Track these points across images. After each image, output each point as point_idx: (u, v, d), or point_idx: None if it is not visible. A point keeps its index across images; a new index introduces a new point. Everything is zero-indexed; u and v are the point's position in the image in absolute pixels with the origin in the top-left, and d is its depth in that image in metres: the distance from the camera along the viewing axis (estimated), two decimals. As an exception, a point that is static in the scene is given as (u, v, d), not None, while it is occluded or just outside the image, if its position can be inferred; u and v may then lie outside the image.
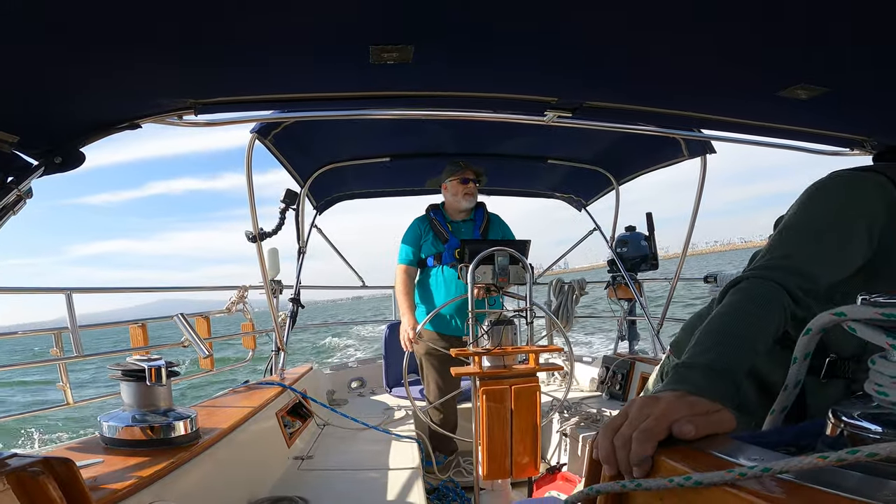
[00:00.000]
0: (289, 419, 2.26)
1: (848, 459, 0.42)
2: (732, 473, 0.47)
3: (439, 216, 2.83)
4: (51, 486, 0.79)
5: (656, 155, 2.82)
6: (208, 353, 2.33)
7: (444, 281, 2.72)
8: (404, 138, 2.71)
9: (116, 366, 1.44)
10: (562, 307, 3.60)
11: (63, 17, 0.74)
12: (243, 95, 1.22)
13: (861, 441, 0.49)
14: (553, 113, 1.39)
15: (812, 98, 1.17)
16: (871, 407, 0.52)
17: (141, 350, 2.76)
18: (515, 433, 1.90)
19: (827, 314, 0.60)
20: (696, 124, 1.68)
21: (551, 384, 3.60)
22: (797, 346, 0.66)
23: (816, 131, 1.48)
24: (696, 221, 2.91)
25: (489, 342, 1.99)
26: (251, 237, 2.39)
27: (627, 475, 0.61)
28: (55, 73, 0.91)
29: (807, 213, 0.93)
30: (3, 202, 1.00)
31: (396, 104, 1.40)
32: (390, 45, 0.95)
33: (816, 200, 0.94)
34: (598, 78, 1.23)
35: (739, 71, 1.11)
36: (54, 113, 1.04)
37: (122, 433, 1.37)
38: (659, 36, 0.97)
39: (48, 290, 2.81)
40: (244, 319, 3.41)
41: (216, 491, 1.49)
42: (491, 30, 0.93)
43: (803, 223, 0.92)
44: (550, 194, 3.81)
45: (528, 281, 2.10)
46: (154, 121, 1.21)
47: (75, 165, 1.14)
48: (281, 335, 2.87)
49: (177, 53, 0.94)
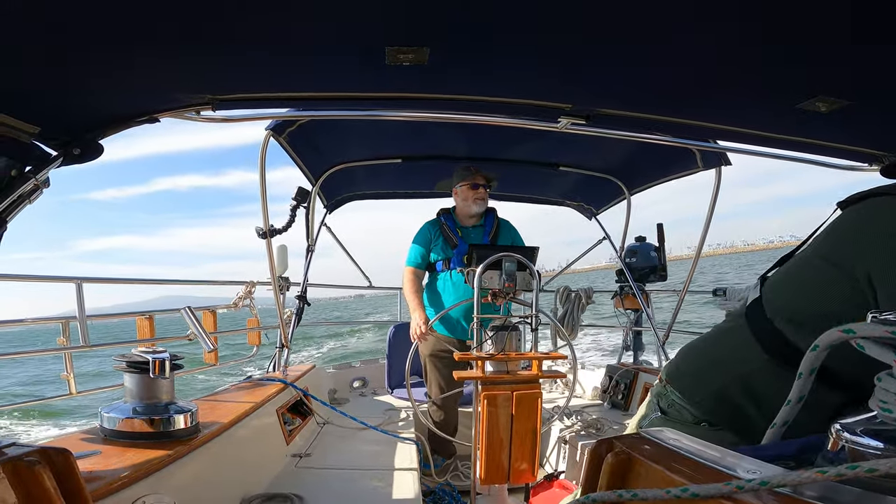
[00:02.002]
0: (289, 416, 2.27)
1: (847, 475, 0.42)
2: (730, 486, 0.47)
3: (449, 221, 2.84)
4: (46, 477, 0.79)
5: (670, 165, 2.80)
6: (213, 347, 2.35)
7: (452, 285, 2.73)
8: (417, 140, 2.72)
9: (121, 357, 1.45)
10: (567, 315, 3.59)
11: (86, 13, 0.76)
12: (260, 92, 1.24)
13: (861, 457, 0.49)
14: (567, 120, 1.39)
15: (832, 111, 1.15)
16: (875, 423, 0.52)
17: (147, 342, 2.79)
18: (515, 439, 1.89)
19: (836, 331, 0.59)
20: (711, 135, 1.66)
21: (553, 391, 3.58)
22: (803, 361, 0.66)
23: (834, 145, 1.46)
24: (706, 235, 2.89)
25: (493, 347, 1.99)
26: (261, 233, 2.40)
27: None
28: (77, 67, 0.93)
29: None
30: (21, 190, 1.02)
31: (410, 106, 1.40)
32: (406, 46, 0.96)
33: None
34: (614, 86, 1.22)
35: (758, 82, 1.10)
36: (74, 105, 1.06)
37: (122, 425, 1.38)
38: (676, 45, 0.96)
39: (59, 279, 2.84)
40: (250, 315, 3.44)
41: (212, 486, 1.50)
42: (507, 34, 0.94)
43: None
44: (561, 201, 3.80)
45: (535, 287, 2.10)
46: (172, 115, 1.23)
47: (93, 157, 1.16)
48: (286, 332, 2.89)
49: (196, 50, 0.95)
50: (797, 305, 0.96)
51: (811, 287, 0.95)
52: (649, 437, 0.69)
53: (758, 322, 1.01)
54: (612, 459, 0.67)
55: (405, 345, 2.75)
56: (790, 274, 1.03)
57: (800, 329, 0.93)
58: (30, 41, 0.81)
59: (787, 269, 1.05)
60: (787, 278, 1.03)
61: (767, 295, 1.02)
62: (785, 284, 1.02)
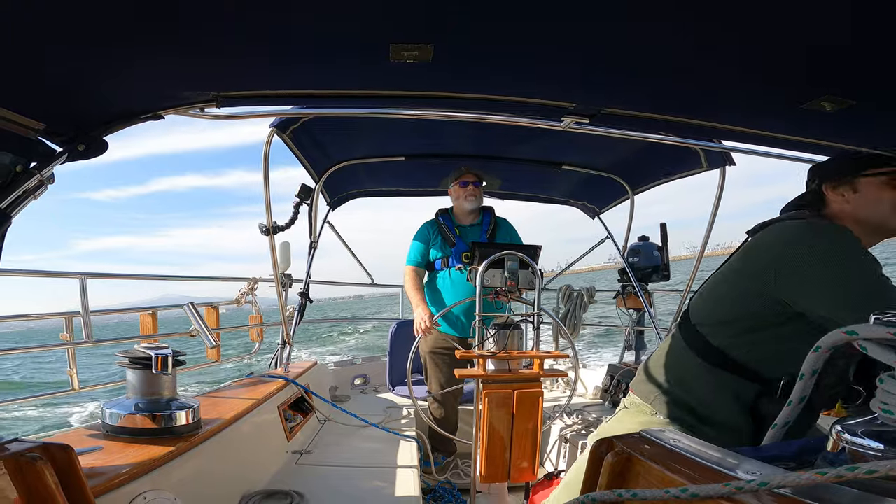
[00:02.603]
0: (290, 413, 2.27)
1: (847, 476, 0.42)
2: (729, 487, 0.47)
3: (447, 220, 2.87)
4: (47, 472, 0.80)
5: (674, 165, 2.80)
6: (215, 343, 2.36)
7: (451, 283, 2.74)
8: (420, 138, 2.72)
9: (124, 353, 1.46)
10: (570, 314, 3.59)
11: (90, 9, 0.76)
12: (264, 90, 1.24)
13: (862, 458, 0.49)
14: (571, 119, 1.39)
15: (838, 111, 1.15)
16: (875, 424, 0.51)
17: (149, 338, 2.80)
18: (515, 437, 1.90)
19: (838, 332, 0.59)
20: (716, 135, 1.66)
21: (555, 390, 3.58)
22: (805, 362, 0.66)
23: (840, 145, 1.45)
24: (710, 235, 2.88)
25: (495, 345, 1.99)
26: (265, 230, 2.41)
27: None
28: (81, 64, 0.93)
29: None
30: (26, 186, 1.03)
31: (414, 104, 1.40)
32: (410, 43, 0.96)
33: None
34: (618, 85, 1.22)
35: (763, 81, 1.09)
36: (80, 102, 1.06)
37: (124, 421, 1.39)
38: (681, 44, 0.96)
39: (63, 275, 2.85)
40: (252, 312, 3.44)
41: (213, 482, 1.50)
42: (511, 32, 0.93)
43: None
44: (564, 201, 3.79)
45: (538, 286, 2.10)
46: (177, 112, 1.23)
47: (98, 153, 1.16)
48: (288, 329, 2.89)
49: (201, 47, 0.95)
50: (717, 313, 1.27)
51: (728, 296, 1.26)
52: (649, 437, 0.69)
53: (688, 332, 1.32)
54: (611, 459, 0.67)
55: (407, 342, 2.75)
56: (708, 291, 1.34)
57: (724, 329, 1.24)
58: (35, 38, 0.81)
59: (705, 288, 1.35)
60: (707, 294, 1.34)
61: (693, 310, 1.34)
62: (705, 300, 1.33)
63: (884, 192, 1.23)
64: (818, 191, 1.33)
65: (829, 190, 1.31)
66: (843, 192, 1.28)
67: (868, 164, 1.26)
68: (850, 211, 1.26)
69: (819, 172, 1.35)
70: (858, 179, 1.26)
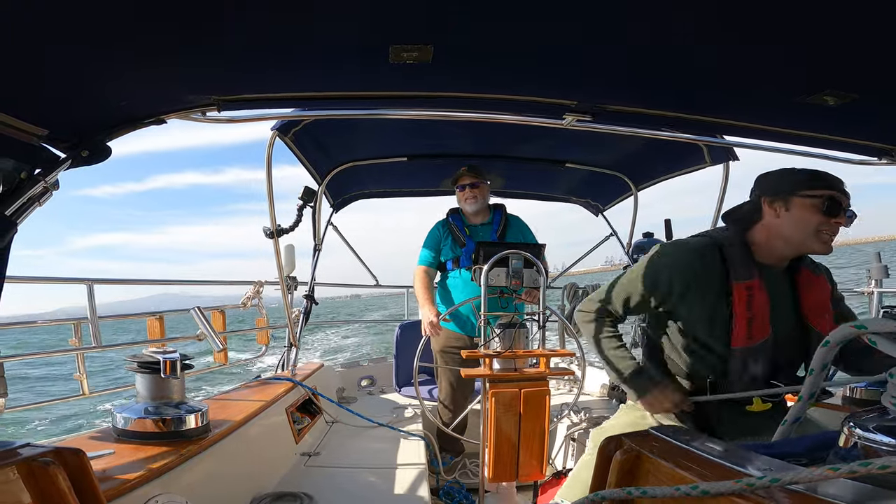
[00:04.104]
0: (298, 415, 2.28)
1: (860, 472, 0.41)
2: (740, 483, 0.47)
3: (457, 220, 2.85)
4: (60, 477, 0.80)
5: (677, 161, 2.79)
6: (222, 346, 2.36)
7: (462, 283, 2.74)
8: (422, 139, 2.72)
9: (133, 358, 1.47)
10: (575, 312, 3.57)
11: (91, 15, 0.76)
12: (265, 93, 1.24)
13: (874, 453, 0.48)
14: (572, 116, 1.38)
15: (840, 105, 1.14)
16: (887, 420, 0.51)
17: (157, 342, 2.81)
18: (523, 436, 1.89)
19: (847, 326, 0.59)
20: (718, 130, 1.65)
21: (561, 388, 3.57)
22: (814, 358, 0.65)
23: (843, 139, 1.44)
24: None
25: (501, 345, 1.99)
26: (269, 233, 2.41)
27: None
28: (83, 69, 0.93)
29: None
30: (30, 193, 1.03)
31: (415, 104, 1.40)
32: (410, 44, 0.96)
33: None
34: (619, 82, 1.21)
35: (765, 76, 1.09)
36: (82, 108, 1.07)
37: (135, 425, 1.39)
38: (682, 39, 0.95)
39: (70, 281, 2.87)
40: (258, 314, 3.45)
41: (223, 484, 1.51)
42: (510, 31, 0.93)
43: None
44: (567, 198, 3.78)
45: (542, 284, 2.09)
46: (179, 117, 1.24)
47: (102, 159, 1.17)
48: (294, 331, 2.90)
49: (202, 52, 0.96)
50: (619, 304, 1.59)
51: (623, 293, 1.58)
52: (658, 435, 0.69)
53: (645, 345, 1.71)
54: (620, 457, 0.67)
55: (412, 343, 2.75)
56: (614, 289, 1.64)
57: (625, 314, 1.61)
58: (37, 45, 0.81)
59: (611, 286, 1.65)
60: (614, 291, 1.63)
61: (608, 301, 1.64)
62: (614, 295, 1.63)
63: (811, 215, 1.33)
64: (757, 202, 1.43)
65: (766, 203, 1.40)
66: (777, 208, 1.38)
67: (804, 185, 1.35)
68: (778, 226, 1.38)
69: (760, 184, 1.44)
70: (793, 199, 1.35)
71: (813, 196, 1.32)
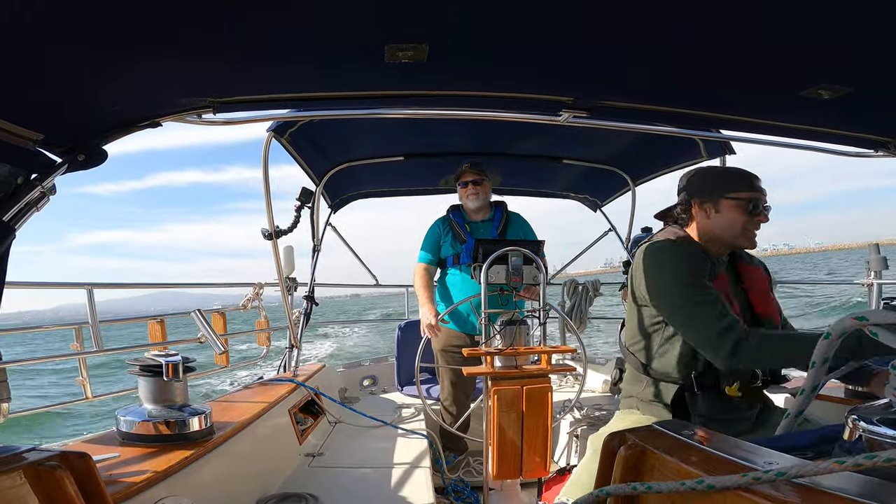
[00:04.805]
0: (301, 416, 2.28)
1: (865, 464, 0.41)
2: (746, 478, 0.47)
3: (458, 217, 2.84)
4: (67, 480, 0.80)
5: (674, 155, 2.79)
6: (224, 349, 2.36)
7: (462, 280, 2.73)
8: (419, 137, 2.71)
9: (135, 361, 1.47)
10: (575, 308, 3.57)
11: (85, 19, 0.76)
12: (260, 94, 1.24)
13: (879, 446, 0.48)
14: (569, 113, 1.38)
15: (835, 98, 1.14)
16: (892, 412, 0.51)
17: (159, 345, 2.80)
18: (526, 434, 1.89)
19: (848, 318, 0.59)
20: (714, 125, 1.65)
21: (563, 385, 3.58)
22: (816, 350, 0.65)
23: (839, 132, 1.45)
24: None
25: (502, 342, 1.99)
26: (267, 235, 2.41)
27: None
28: (78, 73, 0.93)
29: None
30: (28, 198, 1.03)
31: (411, 103, 1.40)
32: (405, 43, 0.96)
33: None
34: (615, 77, 1.21)
35: (760, 70, 1.09)
36: (77, 112, 1.06)
37: (139, 428, 1.40)
38: (678, 35, 0.95)
39: (71, 286, 2.87)
40: (258, 317, 3.45)
41: (228, 486, 1.51)
42: (505, 29, 0.93)
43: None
44: (565, 195, 3.78)
45: (542, 281, 2.09)
46: (174, 119, 1.23)
47: (98, 162, 1.17)
48: (295, 332, 2.89)
49: (197, 54, 0.95)
50: (629, 334, 1.64)
51: (630, 317, 1.63)
52: (662, 430, 0.69)
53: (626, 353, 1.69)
54: (625, 452, 0.66)
55: (413, 342, 2.75)
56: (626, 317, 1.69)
57: (637, 345, 1.59)
58: (30, 49, 0.81)
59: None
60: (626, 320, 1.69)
61: (624, 335, 1.70)
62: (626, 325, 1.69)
63: (739, 215, 1.43)
64: (687, 203, 1.53)
65: (696, 205, 1.50)
66: (707, 209, 1.48)
67: (731, 187, 1.45)
68: (709, 226, 1.49)
69: (688, 187, 1.55)
70: (721, 201, 1.45)
71: (739, 199, 1.42)
